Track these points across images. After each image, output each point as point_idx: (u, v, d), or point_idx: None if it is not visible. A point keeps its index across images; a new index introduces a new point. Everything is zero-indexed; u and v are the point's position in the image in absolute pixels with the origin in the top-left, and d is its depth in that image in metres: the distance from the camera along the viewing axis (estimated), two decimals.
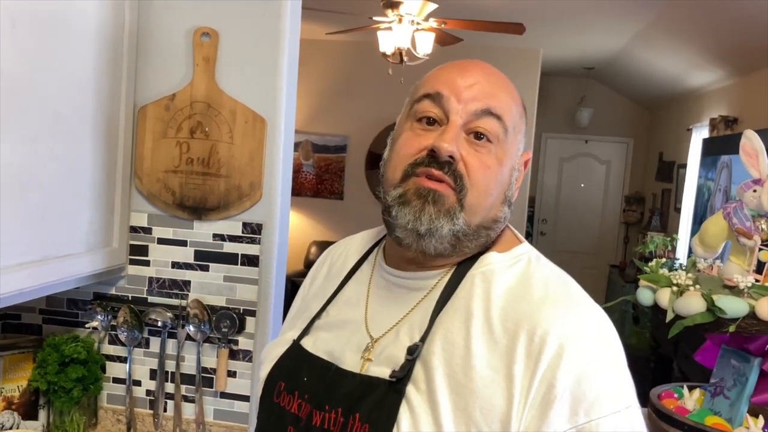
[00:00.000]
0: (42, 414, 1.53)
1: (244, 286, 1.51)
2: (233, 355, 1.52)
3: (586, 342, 0.77)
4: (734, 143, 4.06)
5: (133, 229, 1.54)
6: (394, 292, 0.90)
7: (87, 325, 1.55)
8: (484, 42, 5.64)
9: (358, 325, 0.89)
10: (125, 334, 1.54)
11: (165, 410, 1.56)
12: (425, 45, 3.87)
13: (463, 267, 0.86)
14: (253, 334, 1.52)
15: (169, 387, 1.55)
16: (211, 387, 1.53)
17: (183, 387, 1.54)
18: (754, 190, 1.38)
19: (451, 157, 0.81)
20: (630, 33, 5.12)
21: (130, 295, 1.56)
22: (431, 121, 0.84)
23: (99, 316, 1.55)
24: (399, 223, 0.83)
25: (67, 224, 1.30)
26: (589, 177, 8.20)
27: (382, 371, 0.81)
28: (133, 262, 1.55)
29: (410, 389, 0.78)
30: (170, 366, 1.55)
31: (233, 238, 1.51)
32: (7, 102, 1.10)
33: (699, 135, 5.59)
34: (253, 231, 1.50)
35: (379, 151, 6.32)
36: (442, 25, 3.85)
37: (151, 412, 1.56)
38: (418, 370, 0.79)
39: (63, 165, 1.27)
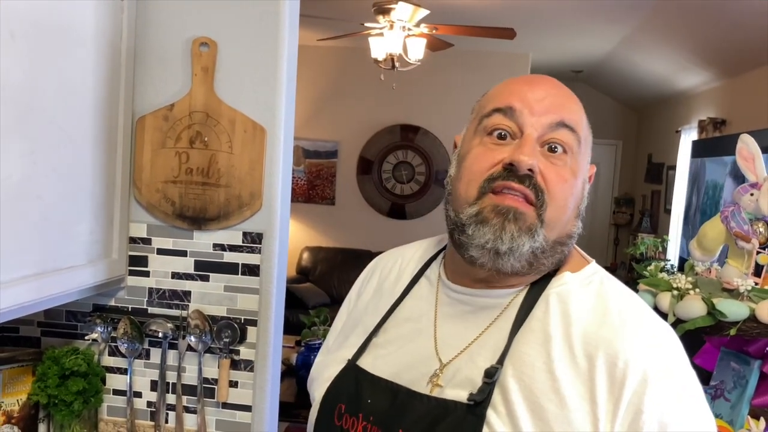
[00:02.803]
0: (42, 427, 1.52)
1: (244, 295, 1.51)
2: (235, 365, 1.51)
3: (669, 368, 0.77)
4: (723, 145, 4.11)
5: (133, 240, 1.53)
6: (463, 311, 0.87)
7: (87, 337, 1.54)
8: (475, 47, 5.67)
9: (423, 345, 0.87)
10: (125, 345, 1.53)
11: (166, 421, 1.55)
12: (417, 50, 3.89)
13: (537, 286, 0.84)
14: (255, 343, 1.51)
15: (170, 398, 1.54)
16: (213, 398, 1.52)
17: (184, 398, 1.53)
18: (752, 194, 1.39)
19: (530, 170, 0.80)
20: (618, 37, 5.17)
21: (129, 306, 1.55)
22: (503, 135, 0.83)
23: (99, 328, 1.54)
24: (475, 243, 0.80)
25: (67, 236, 1.29)
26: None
27: (458, 394, 0.79)
28: (132, 273, 1.54)
29: (489, 413, 0.77)
30: (171, 377, 1.54)
31: (233, 248, 1.51)
32: (7, 114, 1.09)
33: (687, 137, 5.64)
34: (253, 240, 1.50)
35: (370, 157, 6.34)
36: (434, 31, 3.87)
37: (153, 423, 1.55)
38: (495, 393, 0.78)
39: (62, 176, 1.26)
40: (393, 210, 6.32)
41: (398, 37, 3.74)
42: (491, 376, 0.78)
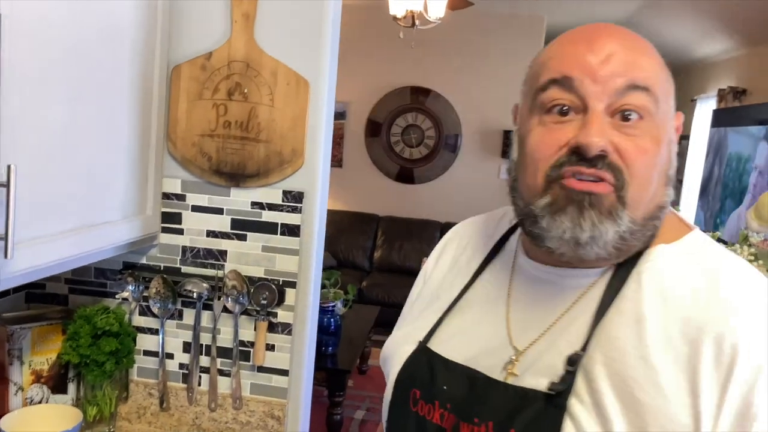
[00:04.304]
0: (71, 387, 1.47)
1: (283, 256, 1.44)
2: (272, 327, 1.46)
3: None
4: (749, 114, 4.02)
5: (166, 196, 1.46)
6: (542, 291, 0.79)
7: (117, 296, 1.48)
8: (488, 9, 5.53)
9: (496, 329, 0.81)
10: (158, 305, 1.47)
11: (199, 384, 1.50)
12: (437, 8, 3.76)
13: (627, 263, 0.75)
14: (293, 306, 1.45)
15: (203, 360, 1.49)
16: (248, 361, 1.47)
17: (218, 360, 1.48)
18: None
19: (603, 151, 0.70)
20: (638, 1, 5.04)
21: (162, 265, 1.48)
22: (564, 111, 0.72)
23: (130, 287, 1.48)
24: (552, 234, 0.72)
25: (105, 190, 1.22)
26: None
27: (538, 382, 0.72)
28: (165, 230, 1.47)
29: (573, 403, 0.69)
30: (204, 339, 1.49)
31: (272, 207, 1.44)
32: (52, 55, 1.01)
33: (704, 106, 5.55)
34: (294, 199, 1.43)
35: (378, 119, 6.22)
36: None
37: (185, 385, 1.50)
38: (579, 381, 0.70)
39: (100, 127, 1.19)
40: (401, 174, 6.23)
41: None
42: (574, 363, 0.70)
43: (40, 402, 1.42)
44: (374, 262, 5.94)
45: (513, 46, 5.87)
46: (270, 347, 1.47)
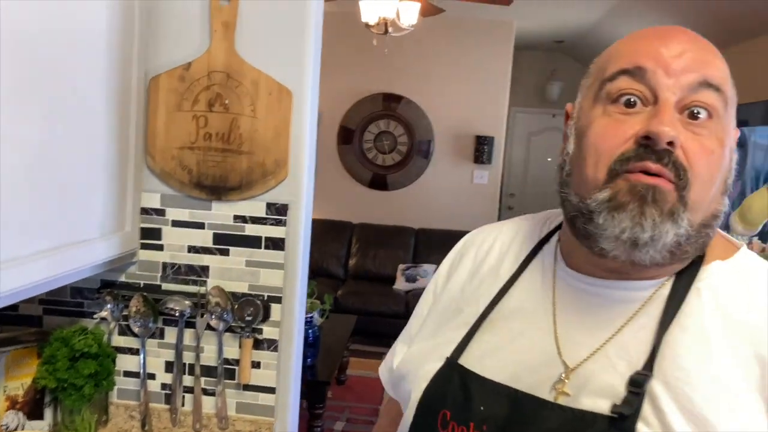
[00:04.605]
0: (48, 413, 1.41)
1: (268, 271, 1.41)
2: (257, 344, 1.42)
3: None
4: None
5: (145, 211, 1.41)
6: (591, 304, 0.75)
7: (95, 316, 1.43)
8: (459, 14, 5.55)
9: (541, 343, 0.75)
10: (138, 324, 1.42)
11: (183, 404, 1.45)
12: (410, 15, 3.76)
13: (684, 278, 0.72)
14: (279, 322, 1.41)
15: (186, 380, 1.44)
16: (233, 379, 1.43)
17: (202, 380, 1.44)
18: None
19: (670, 143, 0.67)
20: (606, 6, 5.10)
21: (141, 282, 1.43)
22: (632, 102, 0.70)
23: (109, 306, 1.42)
24: (609, 233, 0.68)
25: (82, 207, 1.17)
26: (557, 151, 8.22)
27: (596, 404, 0.68)
28: (144, 246, 1.42)
29: (639, 426, 0.65)
30: (187, 358, 1.44)
31: (256, 220, 1.40)
32: (25, 70, 0.96)
33: None
34: (278, 212, 1.39)
35: (351, 127, 6.17)
36: None
37: (167, 406, 1.45)
38: (643, 402, 0.67)
39: (77, 142, 1.14)
40: (374, 180, 6.21)
41: (392, 0, 3.60)
42: (640, 385, 0.67)
43: (15, 429, 1.35)
44: (349, 270, 5.90)
45: (483, 51, 5.91)
46: (256, 365, 1.43)
